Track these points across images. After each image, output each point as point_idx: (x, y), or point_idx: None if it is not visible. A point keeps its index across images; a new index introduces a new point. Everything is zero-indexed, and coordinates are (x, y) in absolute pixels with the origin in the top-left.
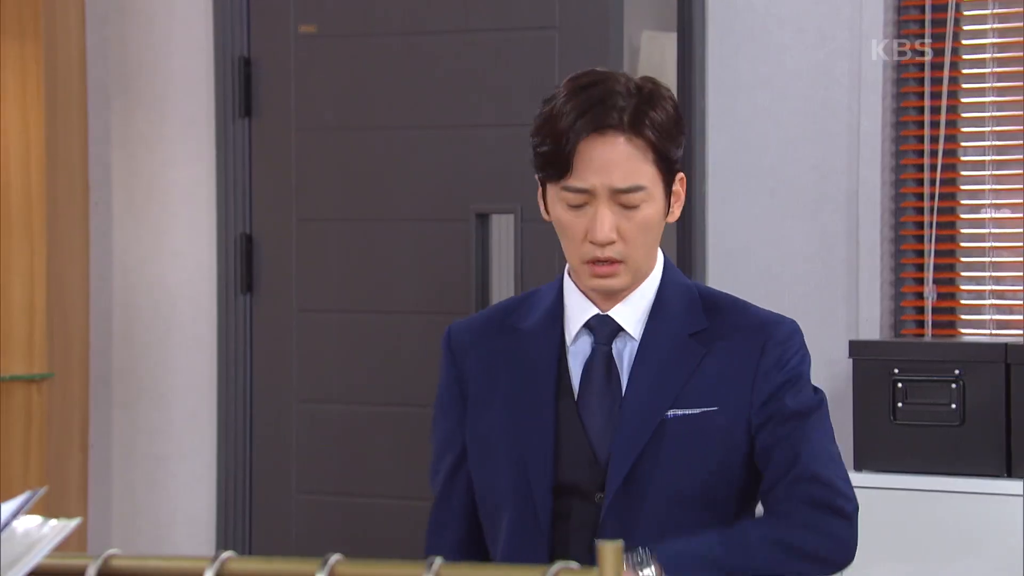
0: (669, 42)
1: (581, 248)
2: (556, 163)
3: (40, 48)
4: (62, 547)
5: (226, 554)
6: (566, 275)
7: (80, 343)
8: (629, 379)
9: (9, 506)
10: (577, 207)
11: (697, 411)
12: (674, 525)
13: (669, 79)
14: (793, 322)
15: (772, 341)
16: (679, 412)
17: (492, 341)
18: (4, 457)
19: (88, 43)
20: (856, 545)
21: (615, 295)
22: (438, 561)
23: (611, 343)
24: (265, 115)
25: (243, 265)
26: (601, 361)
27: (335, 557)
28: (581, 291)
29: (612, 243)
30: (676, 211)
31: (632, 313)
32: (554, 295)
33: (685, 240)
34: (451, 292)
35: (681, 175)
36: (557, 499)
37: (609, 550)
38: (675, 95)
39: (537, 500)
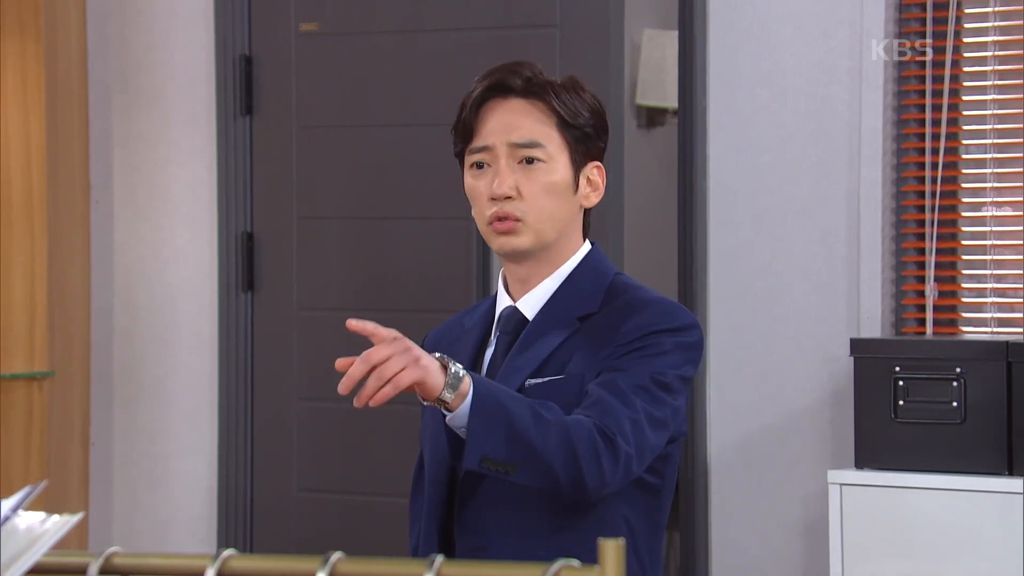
0: (670, 40)
1: (484, 208)
2: (462, 131)
3: (41, 46)
4: (63, 544)
5: (227, 552)
6: (501, 274)
7: (81, 341)
8: (509, 355)
9: (9, 501)
10: (481, 170)
11: (547, 379)
12: (522, 492)
13: (670, 77)
14: (683, 317)
15: (638, 317)
16: (536, 380)
17: (445, 341)
18: (5, 455)
19: (89, 41)
20: (610, 487)
21: (527, 279)
22: (439, 559)
23: (519, 332)
24: (266, 113)
25: (244, 263)
26: (502, 350)
27: (336, 555)
28: (505, 287)
29: (511, 198)
30: (593, 199)
31: (536, 302)
32: (496, 294)
33: (686, 237)
34: (452, 290)
35: (598, 164)
36: (459, 488)
37: (610, 548)
38: (599, 98)
39: (434, 490)
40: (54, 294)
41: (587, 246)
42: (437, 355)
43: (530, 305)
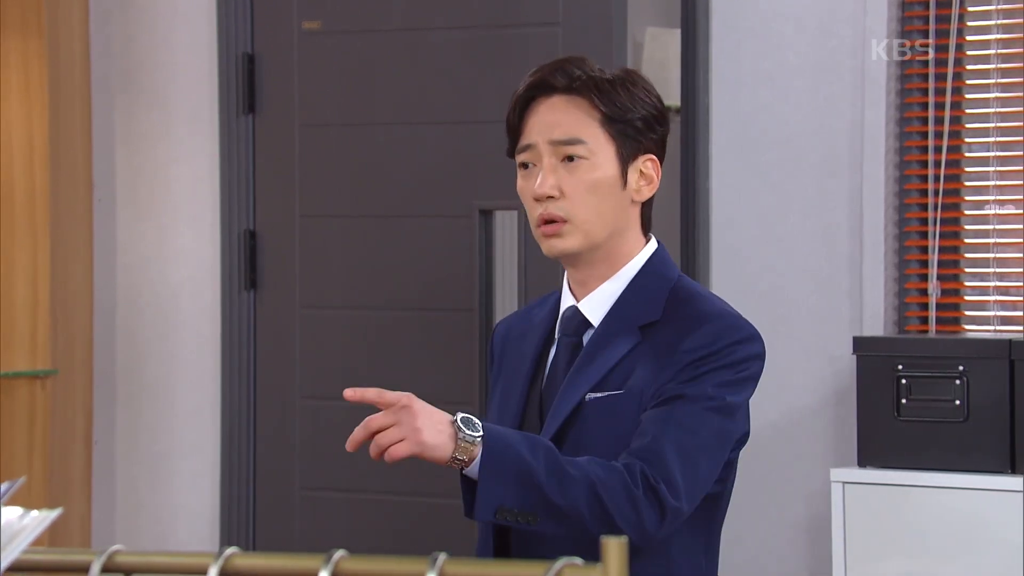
0: (672, 38)
1: (532, 210)
2: (511, 130)
3: (44, 45)
4: (66, 543)
5: (230, 550)
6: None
7: (83, 340)
8: (574, 366)
9: None
10: (527, 170)
11: (606, 394)
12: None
13: (673, 75)
14: (745, 330)
15: (697, 337)
16: (596, 395)
17: (511, 334)
18: (7, 454)
19: (92, 40)
20: (655, 536)
21: (586, 281)
22: (442, 557)
23: (581, 334)
24: (268, 111)
25: (246, 261)
26: (565, 352)
27: (339, 553)
28: (568, 286)
29: (553, 198)
30: (646, 192)
31: (598, 304)
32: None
33: (688, 236)
34: (454, 289)
35: (652, 157)
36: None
37: (613, 546)
38: (656, 90)
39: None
40: (56, 292)
41: (652, 245)
42: (453, 418)
43: (592, 307)
